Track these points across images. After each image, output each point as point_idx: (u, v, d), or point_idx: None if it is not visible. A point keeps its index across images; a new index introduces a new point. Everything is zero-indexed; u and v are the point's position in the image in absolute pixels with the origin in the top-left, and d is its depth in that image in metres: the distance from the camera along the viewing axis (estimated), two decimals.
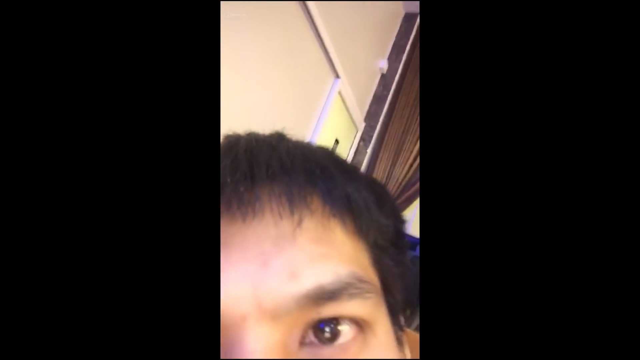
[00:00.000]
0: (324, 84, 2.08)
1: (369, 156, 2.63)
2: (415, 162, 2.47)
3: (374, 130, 2.62)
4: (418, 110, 2.53)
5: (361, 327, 0.22)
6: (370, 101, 2.66)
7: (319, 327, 0.21)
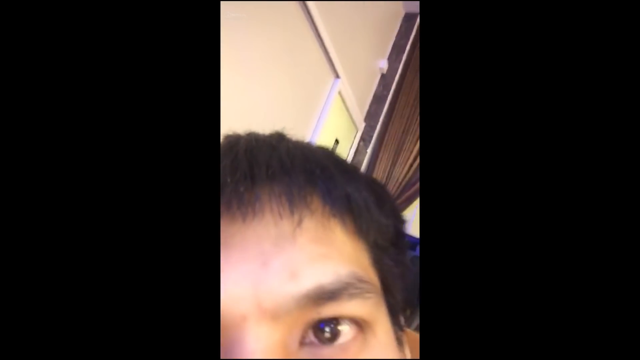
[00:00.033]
0: (324, 84, 2.08)
1: (369, 156, 2.63)
2: (415, 162, 2.47)
3: (374, 130, 2.62)
4: (418, 110, 2.53)
5: (361, 327, 0.22)
6: (370, 101, 2.66)
7: (319, 327, 0.21)
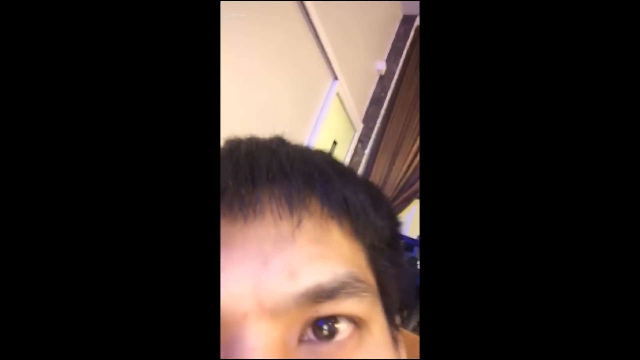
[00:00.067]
0: (322, 85, 2.09)
1: (366, 158, 2.63)
2: (413, 163, 2.48)
3: (371, 132, 2.62)
4: (416, 112, 2.53)
5: (358, 325, 0.22)
6: (368, 103, 2.66)
7: (317, 325, 0.21)
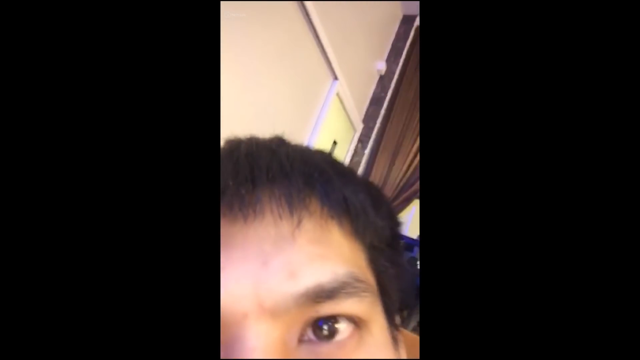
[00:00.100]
0: (322, 85, 2.09)
1: (366, 158, 2.63)
2: (413, 163, 2.48)
3: (371, 132, 2.62)
4: (416, 112, 2.53)
5: (358, 325, 0.22)
6: (368, 103, 2.66)
7: (317, 325, 0.21)
